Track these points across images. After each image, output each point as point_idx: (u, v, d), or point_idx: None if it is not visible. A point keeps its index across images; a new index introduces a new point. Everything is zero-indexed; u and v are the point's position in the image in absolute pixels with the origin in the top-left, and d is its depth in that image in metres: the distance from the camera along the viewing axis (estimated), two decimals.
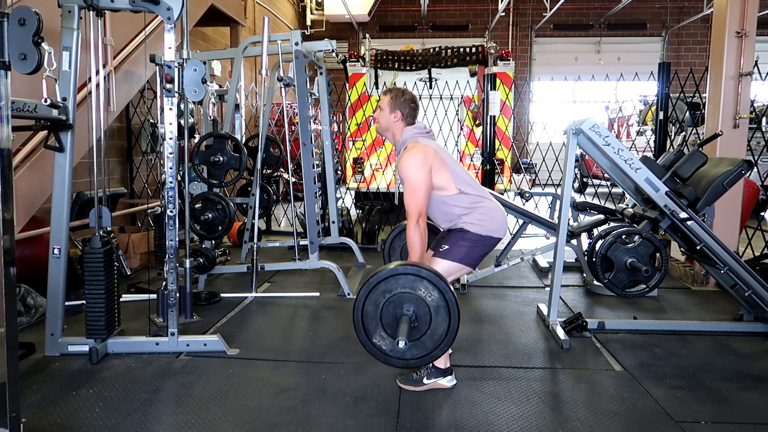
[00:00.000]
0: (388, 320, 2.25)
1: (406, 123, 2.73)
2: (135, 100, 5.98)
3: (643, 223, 3.52)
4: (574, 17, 15.44)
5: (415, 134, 2.69)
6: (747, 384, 2.77)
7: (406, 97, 2.72)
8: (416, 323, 2.23)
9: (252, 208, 4.83)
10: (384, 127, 2.77)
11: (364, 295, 2.25)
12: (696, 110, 7.80)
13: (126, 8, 2.89)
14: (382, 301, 2.24)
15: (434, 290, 2.21)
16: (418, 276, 2.23)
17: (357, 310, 2.26)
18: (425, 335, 2.22)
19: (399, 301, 2.24)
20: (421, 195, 2.51)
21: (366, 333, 2.27)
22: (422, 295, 2.22)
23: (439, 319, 2.22)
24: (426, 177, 2.53)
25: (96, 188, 3.07)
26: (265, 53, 4.35)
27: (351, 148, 7.95)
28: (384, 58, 7.90)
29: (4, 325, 1.69)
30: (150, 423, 2.34)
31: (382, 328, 2.25)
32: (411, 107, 2.72)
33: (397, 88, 2.77)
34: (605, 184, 11.09)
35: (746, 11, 4.34)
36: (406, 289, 2.24)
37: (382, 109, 2.75)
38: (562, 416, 2.44)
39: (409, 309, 2.23)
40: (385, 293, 2.24)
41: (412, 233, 2.48)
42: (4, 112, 1.66)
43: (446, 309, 2.20)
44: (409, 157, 2.56)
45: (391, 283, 2.24)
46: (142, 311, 3.73)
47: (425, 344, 2.23)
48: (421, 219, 2.49)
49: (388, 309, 2.25)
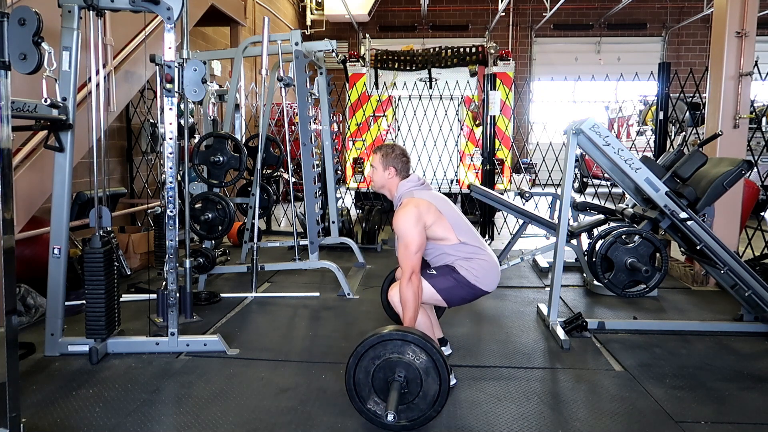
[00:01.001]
0: (379, 385, 2.26)
1: (400, 177, 2.75)
2: (135, 100, 5.98)
3: (643, 223, 3.52)
4: (574, 17, 15.45)
5: (410, 188, 2.71)
6: (747, 384, 2.77)
7: (396, 152, 2.75)
8: (407, 388, 2.24)
9: (252, 208, 4.83)
10: (380, 185, 2.80)
11: (354, 362, 2.27)
12: (696, 110, 7.81)
13: (126, 8, 2.88)
14: (372, 368, 2.26)
15: (422, 353, 2.23)
16: (405, 341, 2.24)
17: (349, 378, 2.28)
18: (418, 397, 2.24)
19: (388, 366, 2.25)
20: (414, 252, 2.52)
21: (360, 399, 2.28)
22: (411, 359, 2.23)
23: (429, 381, 2.23)
24: (419, 234, 2.54)
25: (96, 188, 3.07)
26: (265, 53, 4.35)
27: (351, 148, 7.95)
28: (384, 58, 7.90)
29: (4, 325, 1.69)
30: (150, 423, 2.34)
31: (375, 393, 2.27)
32: (403, 161, 2.75)
33: (386, 145, 2.79)
34: (605, 184, 11.09)
35: (746, 11, 4.34)
36: (394, 354, 2.25)
37: (375, 167, 2.77)
38: (562, 416, 2.44)
39: (400, 374, 2.24)
40: (374, 359, 2.25)
41: (405, 290, 2.48)
42: (4, 112, 1.66)
43: (435, 370, 2.22)
44: (402, 214, 2.58)
45: (379, 349, 2.25)
46: (142, 311, 3.73)
47: (419, 406, 2.24)
48: (414, 276, 2.49)
49: (379, 375, 2.26)
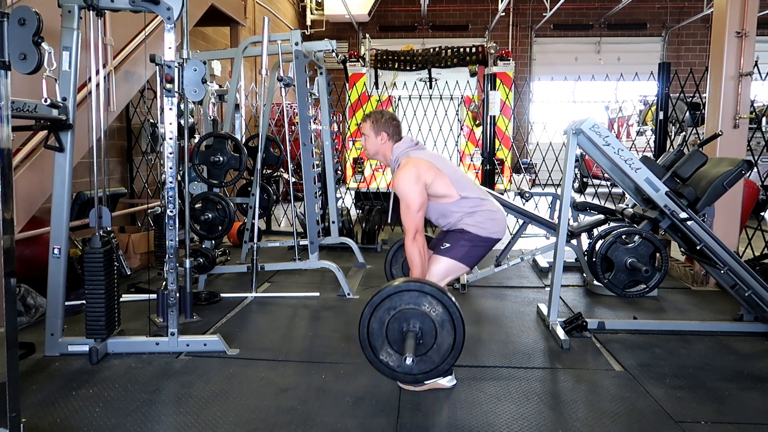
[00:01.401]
0: (393, 337, 2.26)
1: (394, 141, 2.74)
2: (135, 100, 5.98)
3: (643, 223, 3.52)
4: (574, 17, 15.45)
5: (405, 150, 2.71)
6: (747, 384, 2.77)
7: (385, 117, 2.74)
8: (422, 339, 2.24)
9: (252, 208, 4.83)
10: (373, 152, 2.79)
11: (369, 312, 2.27)
12: (696, 110, 7.80)
13: (126, 8, 2.89)
14: (387, 318, 2.25)
15: (438, 305, 2.23)
16: (422, 291, 2.24)
17: (363, 328, 2.27)
18: (431, 350, 2.24)
19: (404, 318, 2.25)
20: (416, 212, 2.53)
21: (372, 350, 2.28)
22: (426, 311, 2.23)
23: (444, 334, 2.23)
24: (420, 193, 2.54)
25: (96, 188, 3.07)
26: (265, 53, 4.35)
27: (351, 148, 7.95)
28: (384, 58, 7.90)
29: (4, 325, 1.69)
30: (150, 423, 2.34)
31: (388, 344, 2.26)
32: (393, 125, 2.75)
33: (374, 111, 2.79)
34: (605, 184, 11.08)
35: (746, 11, 4.34)
36: (410, 305, 2.25)
37: (366, 135, 2.77)
38: (562, 416, 2.44)
39: (414, 325, 2.23)
40: (389, 310, 2.25)
41: (411, 249, 2.49)
42: (4, 112, 1.66)
43: (451, 323, 2.22)
44: (402, 174, 2.58)
45: (395, 299, 2.25)
46: (142, 311, 3.73)
47: (432, 359, 2.24)
48: (418, 234, 2.50)
49: (394, 326, 2.26)
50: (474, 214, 2.63)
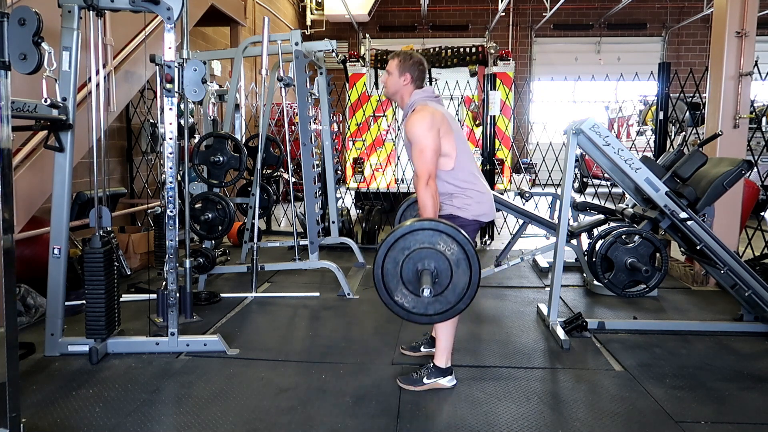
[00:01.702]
0: (408, 277, 2.20)
1: (415, 86, 2.70)
2: (135, 100, 5.98)
3: (643, 223, 3.52)
4: (574, 17, 15.44)
5: (423, 97, 2.66)
6: (747, 384, 2.77)
7: (414, 59, 2.68)
8: (437, 278, 2.18)
9: (252, 208, 4.83)
10: (393, 91, 2.73)
11: (384, 252, 2.21)
12: (696, 110, 7.80)
13: (126, 8, 2.89)
14: (402, 258, 2.20)
15: (453, 243, 2.17)
16: (437, 230, 2.19)
17: (377, 268, 2.21)
18: (447, 289, 2.18)
19: (419, 257, 2.19)
20: (430, 156, 2.49)
21: (387, 291, 2.22)
22: (442, 250, 2.17)
23: (460, 273, 2.17)
24: (435, 139, 2.51)
25: (96, 188, 3.07)
26: (265, 53, 4.35)
27: (351, 148, 7.95)
28: (384, 58, 7.90)
29: (4, 325, 1.69)
30: (150, 423, 2.34)
31: (403, 285, 2.21)
32: (420, 70, 2.69)
33: (404, 51, 2.73)
34: (605, 184, 11.09)
35: (746, 11, 4.34)
36: (425, 245, 2.19)
37: (390, 73, 2.71)
38: (562, 416, 2.44)
39: (429, 264, 2.18)
40: (404, 250, 2.19)
41: (423, 194, 2.45)
42: (4, 112, 1.66)
43: (467, 262, 2.16)
44: (417, 118, 2.54)
45: (410, 239, 2.19)
46: (142, 311, 3.73)
47: (447, 298, 2.19)
48: (431, 180, 2.46)
49: (408, 266, 2.20)
50: (462, 194, 2.60)
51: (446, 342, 2.68)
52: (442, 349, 2.68)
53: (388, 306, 2.26)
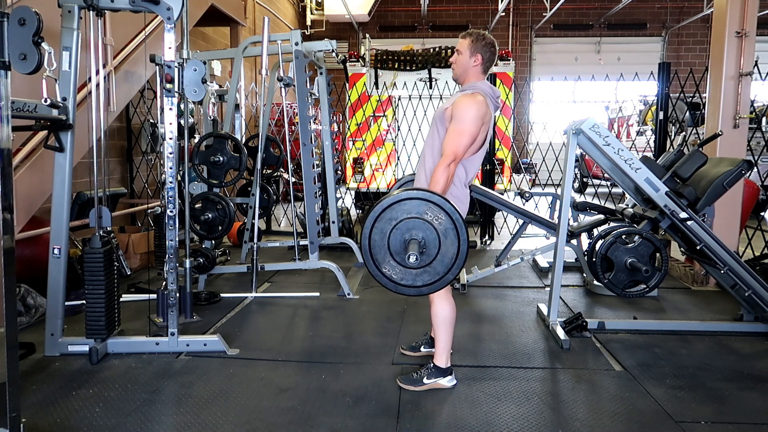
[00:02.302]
0: (396, 248, 2.17)
1: (484, 70, 2.65)
2: (135, 100, 5.98)
3: (643, 223, 3.52)
4: (574, 17, 15.44)
5: (486, 91, 2.60)
6: (747, 384, 2.77)
7: (486, 41, 2.63)
8: (425, 248, 2.15)
9: (252, 208, 4.83)
10: (461, 71, 2.66)
11: (370, 223, 2.17)
12: (696, 110, 7.80)
13: (126, 8, 2.89)
14: (389, 229, 2.16)
15: (441, 213, 2.14)
16: (424, 200, 2.16)
17: (364, 239, 2.18)
18: (435, 260, 2.15)
19: (406, 228, 2.16)
20: (466, 141, 2.45)
21: (375, 263, 2.19)
22: (429, 219, 2.15)
23: (448, 243, 2.14)
24: (477, 128, 2.48)
25: (96, 188, 3.07)
26: (265, 53, 4.35)
27: (351, 148, 7.95)
28: (384, 58, 7.90)
29: (4, 325, 1.69)
30: (150, 423, 2.34)
31: (390, 256, 2.18)
32: (491, 52, 2.64)
33: (475, 30, 2.67)
34: (605, 184, 11.09)
35: (746, 11, 4.34)
36: (412, 215, 2.16)
37: (460, 52, 2.64)
38: (562, 416, 2.44)
39: (417, 234, 2.15)
40: (391, 220, 2.17)
41: (440, 172, 2.39)
42: (4, 112, 1.66)
43: (455, 231, 2.13)
44: (473, 102, 2.49)
45: (397, 209, 2.16)
46: (142, 311, 3.73)
47: (436, 269, 2.15)
48: (453, 164, 2.43)
49: (396, 236, 2.16)
50: (459, 187, 2.59)
51: (445, 342, 2.68)
52: (442, 349, 2.68)
53: (375, 278, 2.22)
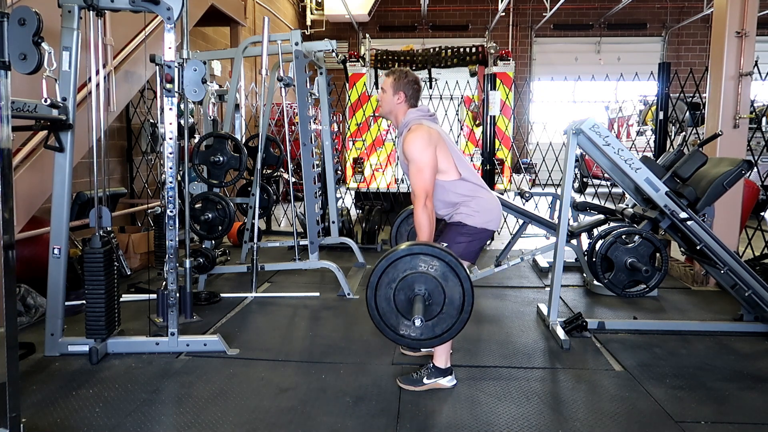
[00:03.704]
0: (405, 309, 2.21)
1: (409, 105, 2.69)
2: (135, 100, 5.98)
3: (643, 223, 3.52)
4: (574, 17, 15.44)
5: (418, 116, 2.66)
6: (747, 384, 2.77)
7: (409, 78, 2.68)
8: (431, 299, 2.18)
9: (252, 208, 4.83)
10: (387, 110, 2.73)
11: (372, 295, 2.22)
12: (696, 110, 7.80)
13: (126, 8, 2.89)
14: (392, 293, 2.20)
15: (433, 260, 2.17)
16: (412, 254, 2.19)
17: (372, 311, 2.22)
18: (445, 306, 2.17)
19: (406, 285, 2.19)
20: (428, 175, 2.48)
21: (391, 329, 2.23)
22: (425, 270, 2.18)
23: (451, 285, 2.17)
24: (432, 157, 2.51)
25: (96, 188, 3.07)
26: (265, 53, 4.35)
27: (351, 148, 7.95)
28: (384, 58, 7.90)
29: (4, 325, 1.69)
30: (150, 423, 2.34)
31: (403, 317, 2.21)
32: (414, 89, 2.69)
33: (399, 69, 2.72)
34: (605, 184, 11.08)
35: (746, 11, 4.34)
36: (407, 272, 2.19)
37: (384, 90, 2.70)
38: (562, 416, 2.44)
39: (419, 289, 2.18)
40: (391, 284, 2.21)
41: (420, 215, 2.44)
42: (4, 112, 1.66)
43: (452, 272, 2.16)
44: (413, 137, 2.53)
45: (391, 272, 2.20)
46: (142, 311, 3.72)
47: (449, 314, 2.18)
48: (428, 200, 2.46)
49: (400, 297, 2.20)
50: (471, 201, 2.60)
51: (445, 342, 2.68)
52: (442, 350, 2.68)
53: (397, 342, 2.27)
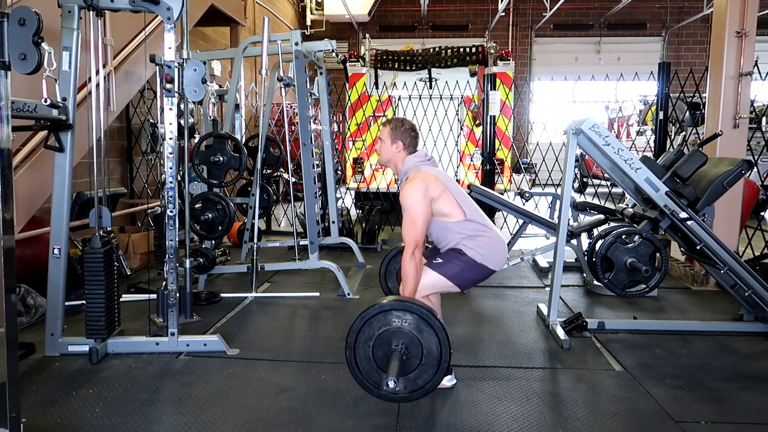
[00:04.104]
0: (384, 364, 2.25)
1: (408, 152, 2.73)
2: (135, 100, 5.98)
3: (643, 223, 3.52)
4: (574, 17, 15.44)
5: (416, 163, 2.70)
6: (747, 384, 2.77)
7: (405, 126, 2.73)
8: (408, 353, 2.22)
9: (252, 208, 4.83)
10: (386, 159, 2.78)
11: (352, 354, 2.27)
12: (696, 110, 7.80)
13: (126, 8, 2.88)
14: (370, 351, 2.26)
15: (405, 314, 2.22)
16: (383, 311, 2.24)
17: (353, 370, 2.28)
18: (423, 357, 2.22)
19: (382, 342, 2.24)
20: (420, 226, 2.51)
21: (374, 386, 2.27)
22: (399, 325, 2.22)
23: (426, 336, 2.21)
24: (426, 209, 2.54)
25: (96, 188, 3.07)
26: (265, 53, 4.35)
27: (351, 148, 7.95)
28: (384, 58, 7.90)
29: (4, 325, 1.69)
30: (150, 423, 2.34)
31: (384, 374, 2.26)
32: (411, 136, 2.73)
33: (395, 118, 2.77)
34: (605, 184, 11.08)
35: (746, 11, 4.34)
36: (382, 329, 2.24)
37: (382, 140, 2.75)
38: (562, 416, 2.44)
39: (396, 344, 2.23)
40: (368, 341, 2.26)
41: (408, 264, 2.47)
42: (4, 112, 1.66)
43: (425, 323, 2.21)
44: (410, 188, 2.57)
45: (367, 330, 2.26)
46: (142, 311, 3.73)
47: (429, 363, 2.23)
48: (417, 250, 2.48)
49: (379, 354, 2.25)
50: (475, 239, 2.62)
51: None
52: None
53: (383, 399, 2.30)
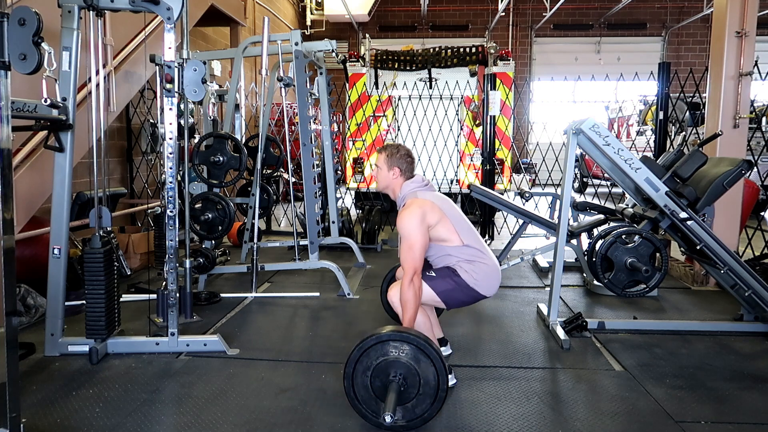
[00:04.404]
0: (383, 394, 2.24)
1: (405, 178, 2.75)
2: (135, 100, 5.98)
3: (643, 223, 3.52)
4: (574, 17, 15.45)
5: (413, 189, 2.71)
6: (747, 384, 2.77)
7: (401, 152, 2.74)
8: (405, 383, 2.22)
9: (252, 208, 4.83)
10: (384, 185, 2.79)
11: (350, 384, 2.26)
12: (696, 110, 7.80)
13: (126, 8, 2.88)
14: (368, 381, 2.25)
15: (403, 344, 2.22)
16: (380, 341, 2.23)
17: (352, 400, 2.27)
18: (420, 387, 2.21)
19: (380, 372, 2.24)
20: (418, 252, 2.51)
21: (373, 415, 2.27)
22: (396, 355, 2.22)
23: (423, 366, 2.20)
24: (423, 235, 2.54)
25: (96, 188, 3.07)
26: (265, 53, 4.35)
27: (351, 148, 7.95)
28: (384, 58, 7.90)
29: (4, 325, 1.69)
30: (150, 423, 2.34)
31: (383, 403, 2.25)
32: (407, 161, 2.74)
33: (391, 144, 2.78)
34: (605, 184, 11.08)
35: (746, 11, 4.34)
36: (380, 359, 2.23)
37: (379, 167, 2.76)
38: (562, 416, 2.44)
39: (395, 374, 2.22)
40: (365, 372, 2.25)
41: (407, 291, 2.47)
42: (4, 112, 1.66)
43: (422, 353, 2.20)
44: (407, 214, 2.57)
45: (365, 360, 2.25)
46: (142, 311, 3.73)
47: (427, 393, 2.22)
48: (416, 277, 2.48)
49: (376, 384, 2.24)
50: (472, 264, 2.63)
51: None
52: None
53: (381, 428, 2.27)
